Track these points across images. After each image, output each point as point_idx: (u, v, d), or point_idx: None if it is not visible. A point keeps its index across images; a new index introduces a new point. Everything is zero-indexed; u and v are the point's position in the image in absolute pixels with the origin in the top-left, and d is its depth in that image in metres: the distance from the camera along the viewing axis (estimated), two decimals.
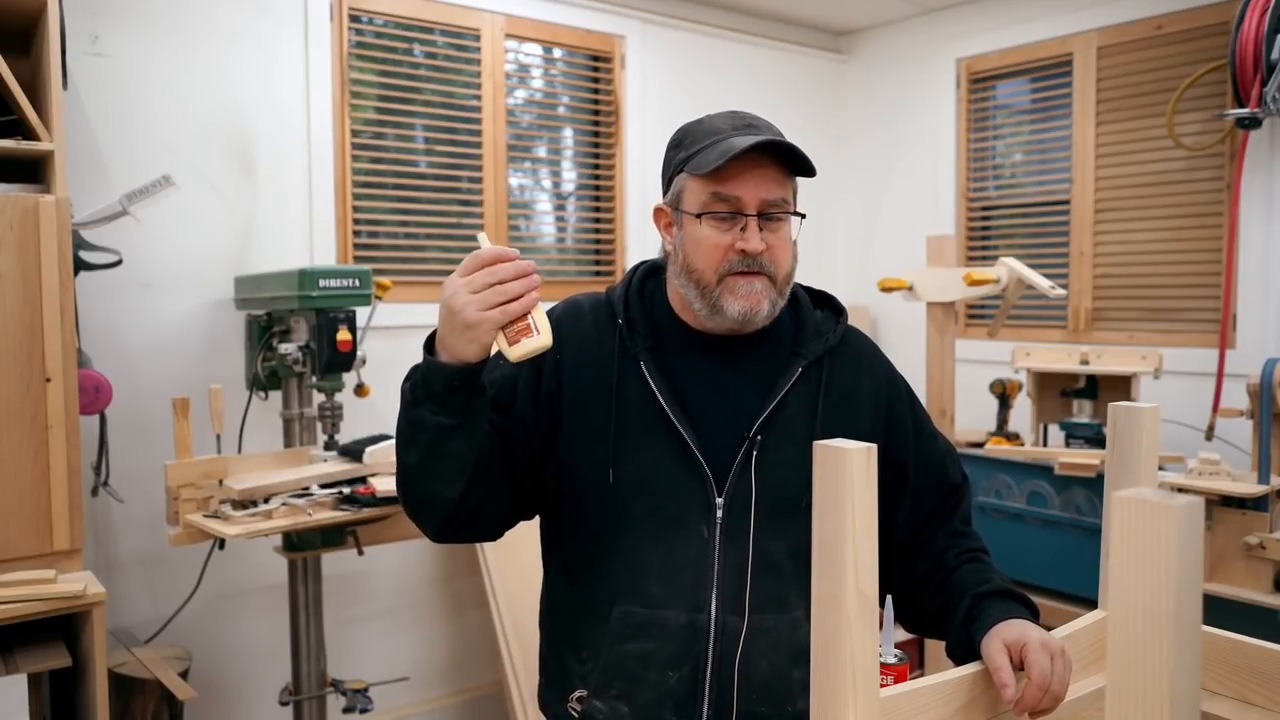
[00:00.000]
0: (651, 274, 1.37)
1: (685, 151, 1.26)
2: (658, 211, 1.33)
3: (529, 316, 1.09)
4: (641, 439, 1.23)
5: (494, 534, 1.31)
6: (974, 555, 1.30)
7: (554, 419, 1.27)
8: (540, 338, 1.09)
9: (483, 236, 1.19)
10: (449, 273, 3.34)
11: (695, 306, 1.26)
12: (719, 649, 1.19)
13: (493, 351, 1.13)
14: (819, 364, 1.29)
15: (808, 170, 1.22)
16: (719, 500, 1.21)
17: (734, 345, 1.29)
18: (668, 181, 1.31)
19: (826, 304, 1.39)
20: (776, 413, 1.24)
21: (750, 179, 1.20)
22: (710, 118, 1.28)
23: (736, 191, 1.20)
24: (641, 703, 1.19)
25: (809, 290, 1.41)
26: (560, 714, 1.27)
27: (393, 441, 2.35)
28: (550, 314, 1.29)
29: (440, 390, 1.14)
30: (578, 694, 1.24)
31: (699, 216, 1.23)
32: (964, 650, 1.17)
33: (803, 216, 1.27)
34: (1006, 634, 1.07)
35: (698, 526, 1.21)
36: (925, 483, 1.35)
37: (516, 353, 1.09)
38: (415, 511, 1.25)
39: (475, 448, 1.17)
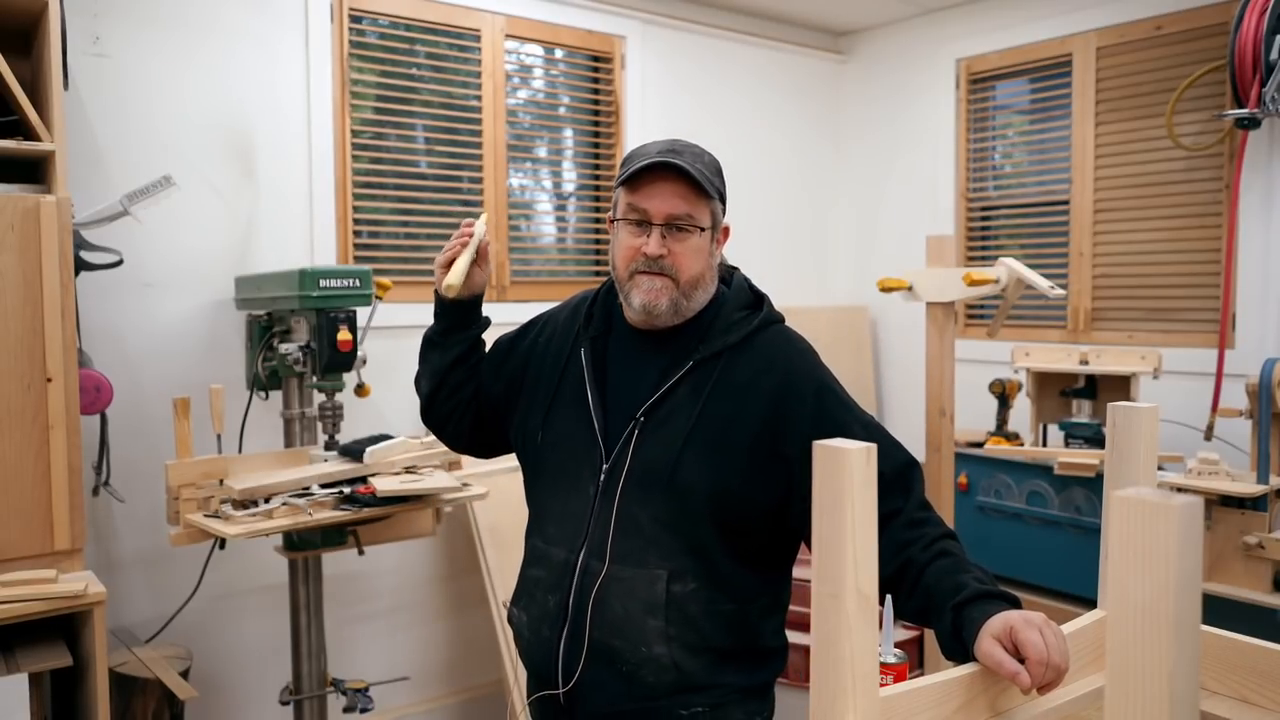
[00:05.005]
0: None
1: (621, 170, 1.47)
2: (609, 221, 1.57)
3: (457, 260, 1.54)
4: (568, 410, 1.49)
5: (460, 445, 1.71)
6: (942, 549, 1.28)
7: (512, 389, 1.59)
8: (447, 277, 1.53)
9: (481, 220, 1.60)
10: None
11: (621, 299, 1.49)
12: (580, 585, 1.40)
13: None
14: (716, 359, 1.44)
15: (708, 191, 1.42)
16: (604, 467, 1.43)
17: (654, 339, 1.49)
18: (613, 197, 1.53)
19: (758, 306, 1.52)
20: (662, 401, 1.43)
21: (658, 195, 1.42)
22: (650, 143, 1.48)
23: (644, 205, 1.43)
24: (532, 616, 1.47)
25: (754, 291, 1.55)
26: None
27: (393, 442, 2.37)
28: (557, 307, 1.66)
29: (436, 312, 1.62)
30: (508, 600, 1.58)
31: (615, 222, 1.49)
32: (960, 658, 1.18)
33: (703, 229, 1.44)
34: (992, 628, 1.09)
35: (587, 486, 1.44)
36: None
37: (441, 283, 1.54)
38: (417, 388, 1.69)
39: (446, 364, 1.61)
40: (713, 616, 1.38)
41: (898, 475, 1.36)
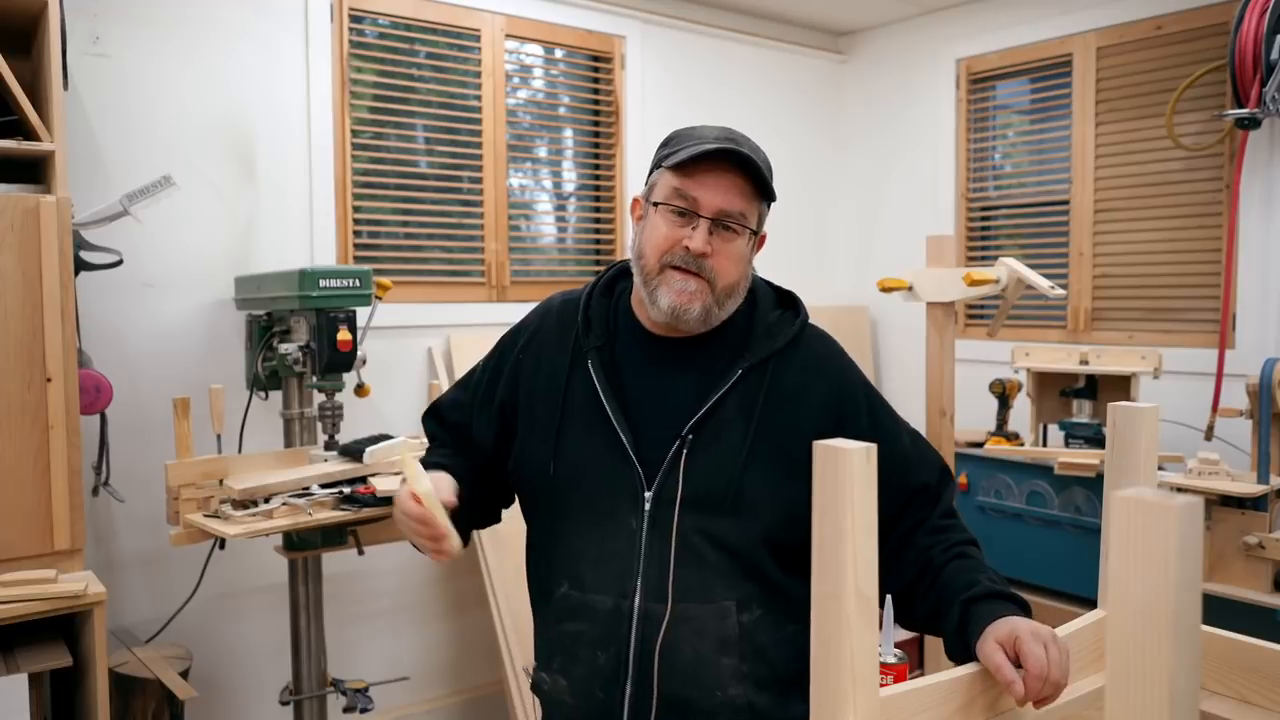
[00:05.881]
0: (625, 274, 1.42)
1: (668, 150, 1.32)
2: (634, 202, 1.40)
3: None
4: (582, 434, 1.31)
5: (499, 520, 1.54)
6: (960, 551, 1.28)
7: (507, 422, 1.40)
8: (451, 547, 1.28)
9: (411, 464, 1.30)
10: (449, 273, 3.33)
11: (642, 295, 1.32)
12: (641, 634, 1.24)
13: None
14: (763, 366, 1.32)
15: (768, 190, 1.30)
16: (648, 495, 1.27)
17: (682, 346, 1.34)
18: (649, 176, 1.38)
19: (790, 305, 1.41)
20: (711, 414, 1.28)
21: (713, 185, 1.27)
22: (703, 126, 1.35)
23: (696, 193, 1.27)
24: (576, 678, 1.28)
25: (776, 290, 1.44)
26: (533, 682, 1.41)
27: (393, 442, 2.37)
28: (529, 315, 1.47)
29: None
30: (532, 665, 1.37)
31: (658, 205, 1.30)
32: (962, 656, 1.18)
33: (754, 233, 1.32)
34: (998, 632, 1.08)
35: (627, 518, 1.27)
36: (883, 486, 1.33)
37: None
38: None
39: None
40: (780, 643, 1.28)
41: (922, 488, 1.34)
